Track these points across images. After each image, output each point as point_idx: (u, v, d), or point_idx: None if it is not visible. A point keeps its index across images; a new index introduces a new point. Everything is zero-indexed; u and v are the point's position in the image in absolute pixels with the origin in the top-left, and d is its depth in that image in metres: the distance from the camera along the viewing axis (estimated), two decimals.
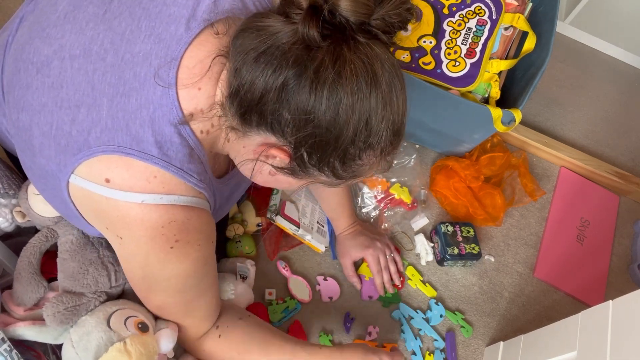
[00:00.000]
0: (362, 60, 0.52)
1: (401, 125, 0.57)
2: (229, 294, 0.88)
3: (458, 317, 1.06)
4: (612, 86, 1.53)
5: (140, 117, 0.56)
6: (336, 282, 1.03)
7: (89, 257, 0.73)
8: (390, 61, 0.54)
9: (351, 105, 0.52)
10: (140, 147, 0.56)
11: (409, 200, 1.14)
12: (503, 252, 1.17)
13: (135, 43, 0.58)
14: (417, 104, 1.09)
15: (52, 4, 0.63)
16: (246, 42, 0.55)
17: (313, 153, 0.56)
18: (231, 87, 0.56)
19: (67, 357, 0.67)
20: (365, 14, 0.51)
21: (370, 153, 0.57)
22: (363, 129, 0.53)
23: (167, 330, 0.70)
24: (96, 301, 0.71)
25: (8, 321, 0.69)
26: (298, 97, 0.52)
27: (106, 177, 0.57)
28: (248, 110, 0.55)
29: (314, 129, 0.53)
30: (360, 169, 0.59)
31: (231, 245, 0.99)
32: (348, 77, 0.51)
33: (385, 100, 0.53)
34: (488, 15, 1.11)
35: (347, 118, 0.52)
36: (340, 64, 0.51)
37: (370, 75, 0.52)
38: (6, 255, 0.78)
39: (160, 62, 0.57)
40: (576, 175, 1.31)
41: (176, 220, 0.59)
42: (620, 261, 1.22)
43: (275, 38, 0.52)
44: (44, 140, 0.59)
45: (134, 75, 0.57)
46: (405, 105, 0.57)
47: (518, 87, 1.11)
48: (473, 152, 1.21)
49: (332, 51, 0.51)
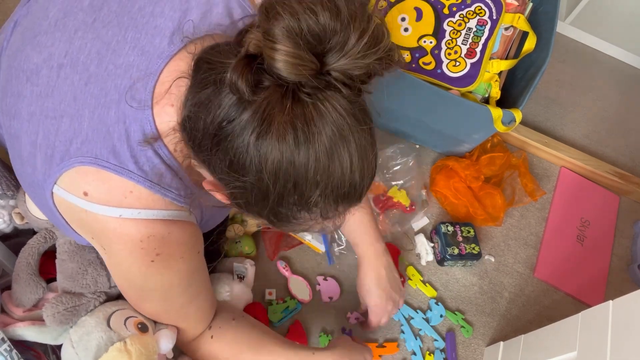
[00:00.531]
0: (293, 124, 0.45)
1: (350, 187, 0.50)
2: (224, 295, 0.88)
3: (458, 317, 1.05)
4: (612, 86, 1.53)
5: (117, 130, 0.55)
6: (336, 282, 1.03)
7: (87, 257, 0.73)
8: (338, 123, 0.47)
9: (275, 168, 0.47)
10: (117, 160, 0.55)
11: (407, 203, 1.13)
12: (503, 252, 1.17)
13: (120, 54, 0.57)
14: (417, 104, 1.09)
15: (44, 9, 0.62)
16: (197, 75, 0.51)
17: (246, 204, 0.52)
18: (182, 116, 0.53)
19: (67, 357, 0.67)
20: (307, 74, 0.45)
21: (306, 215, 0.52)
22: (291, 192, 0.49)
23: (166, 331, 0.70)
24: (95, 301, 0.71)
25: (8, 322, 0.69)
26: (226, 149, 0.48)
27: (84, 190, 0.56)
28: (194, 144, 0.52)
29: (240, 183, 0.49)
30: (300, 226, 0.55)
31: (231, 245, 0.99)
32: (273, 140, 0.46)
33: (319, 165, 0.47)
34: (488, 15, 1.11)
35: (271, 180, 0.48)
36: (267, 124, 0.45)
37: (299, 140, 0.46)
38: (5, 256, 0.78)
39: (139, 74, 0.56)
40: (576, 175, 1.30)
41: (155, 234, 0.58)
42: (620, 261, 1.22)
43: (220, 78, 0.48)
44: (31, 150, 0.59)
45: (114, 87, 0.56)
46: (362, 165, 0.50)
47: (518, 87, 1.11)
48: (473, 152, 1.21)
49: (263, 109, 0.45)
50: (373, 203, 1.13)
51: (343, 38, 0.45)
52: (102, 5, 0.60)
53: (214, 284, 0.88)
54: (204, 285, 0.71)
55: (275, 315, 0.96)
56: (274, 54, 0.44)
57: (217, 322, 0.76)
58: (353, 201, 0.53)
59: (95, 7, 0.60)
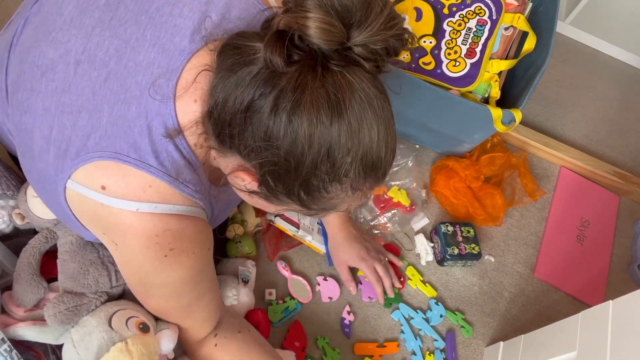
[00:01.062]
0: (326, 90, 0.49)
1: (377, 159, 0.53)
2: (231, 299, 0.88)
3: (458, 317, 1.06)
4: (612, 86, 1.53)
5: (138, 125, 0.56)
6: (336, 282, 1.03)
7: (89, 257, 0.73)
8: (365, 91, 0.51)
9: (309, 135, 0.49)
10: (137, 155, 0.56)
11: (407, 203, 1.14)
12: (503, 252, 1.17)
13: (139, 52, 0.58)
14: (417, 104, 1.09)
15: (58, 6, 0.63)
16: (225, 61, 0.54)
17: (277, 180, 0.54)
18: (208, 106, 0.55)
19: (68, 357, 0.67)
20: (337, 41, 0.48)
21: (337, 187, 0.54)
22: (324, 160, 0.51)
23: (167, 331, 0.70)
24: (97, 301, 0.71)
25: (8, 322, 0.70)
26: (259, 122, 0.50)
27: (102, 183, 0.57)
28: (222, 130, 0.54)
29: (273, 156, 0.51)
30: (329, 202, 0.56)
31: (231, 246, 0.99)
32: (307, 106, 0.48)
33: (351, 132, 0.50)
34: (488, 15, 1.11)
35: (306, 148, 0.50)
36: (300, 92, 0.48)
37: (333, 105, 0.49)
38: (5, 256, 0.78)
39: (161, 71, 0.57)
40: (576, 175, 1.31)
41: (170, 229, 0.59)
42: (620, 261, 1.22)
43: (250, 60, 0.51)
44: (44, 144, 0.59)
45: (135, 83, 0.57)
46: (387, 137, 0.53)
47: (518, 87, 1.11)
48: (473, 152, 1.21)
49: (296, 78, 0.49)
50: (373, 203, 1.13)
51: (366, 13, 0.48)
52: (118, 5, 0.61)
53: (221, 288, 0.88)
54: (211, 283, 0.72)
55: (275, 315, 0.96)
56: (307, 21, 0.47)
57: (223, 331, 0.76)
58: (379, 176, 0.55)
59: (111, 6, 0.61)
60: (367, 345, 0.99)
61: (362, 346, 0.98)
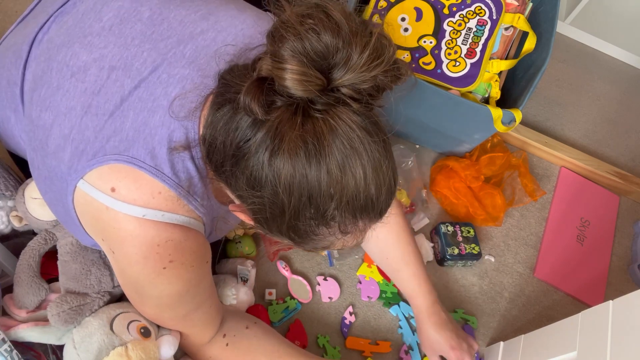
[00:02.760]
0: (304, 138, 0.48)
1: (366, 200, 0.51)
2: (230, 298, 0.88)
3: (459, 313, 1.06)
4: (612, 86, 1.53)
5: (160, 134, 0.57)
6: (336, 282, 1.03)
7: (90, 257, 0.73)
8: (348, 136, 0.48)
9: (289, 183, 0.49)
10: (153, 162, 0.57)
11: (407, 203, 1.14)
12: (503, 252, 1.17)
13: (175, 66, 0.59)
14: (417, 104, 1.09)
15: (97, 12, 0.64)
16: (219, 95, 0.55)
17: (266, 223, 0.54)
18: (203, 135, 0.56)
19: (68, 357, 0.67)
20: (314, 89, 0.47)
21: (325, 230, 0.53)
22: (307, 206, 0.50)
23: (168, 337, 0.70)
24: (100, 301, 0.71)
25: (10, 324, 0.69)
26: (245, 166, 0.51)
27: (113, 185, 0.57)
28: (216, 169, 0.55)
29: (258, 203, 0.52)
30: (321, 242, 0.55)
31: (231, 246, 0.99)
32: (285, 155, 0.48)
33: (332, 178, 0.49)
34: (488, 15, 1.11)
35: (286, 195, 0.49)
36: (279, 140, 0.48)
37: (311, 153, 0.48)
38: (5, 257, 0.78)
39: (193, 87, 0.58)
40: (576, 175, 1.31)
41: (173, 239, 0.59)
42: (620, 261, 1.22)
43: (235, 101, 0.51)
44: (61, 142, 0.59)
45: (164, 94, 0.58)
46: (377, 178, 0.51)
47: (518, 87, 1.11)
48: (473, 152, 1.21)
49: (276, 126, 0.48)
50: None
51: (346, 54, 0.47)
52: (162, 21, 0.62)
53: (220, 288, 0.88)
54: (210, 293, 0.71)
55: (275, 315, 0.96)
56: (282, 73, 0.47)
57: (231, 329, 0.76)
58: (373, 216, 0.54)
59: (155, 22, 0.62)
60: (358, 341, 0.98)
61: (354, 340, 0.98)
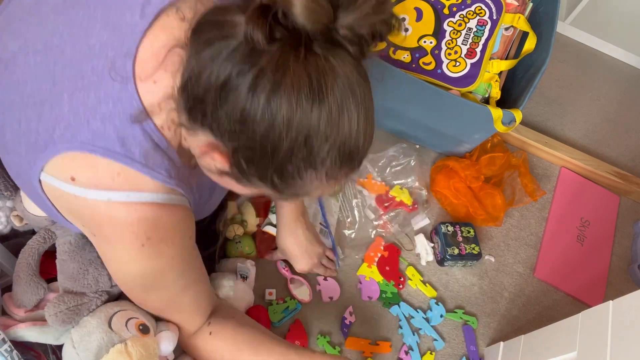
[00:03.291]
0: (308, 73, 0.46)
1: (354, 148, 0.51)
2: (227, 289, 0.87)
3: (459, 313, 1.06)
4: (612, 86, 1.53)
5: (100, 112, 0.54)
6: (336, 282, 1.03)
7: (88, 257, 0.73)
8: (348, 78, 0.48)
9: (288, 119, 0.47)
10: (102, 143, 0.54)
11: (409, 202, 1.14)
12: (503, 252, 1.17)
13: (91, 35, 0.56)
14: (417, 104, 1.09)
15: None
16: (202, 36, 0.50)
17: (250, 163, 0.51)
18: (182, 80, 0.52)
19: (68, 357, 0.67)
20: (322, 22, 0.46)
21: (313, 174, 0.51)
22: (302, 147, 0.48)
23: (167, 333, 0.70)
24: (97, 300, 0.71)
25: (9, 323, 0.69)
26: (235, 100, 0.47)
27: (71, 175, 0.55)
28: (193, 106, 0.51)
29: (248, 138, 0.49)
30: (303, 188, 0.54)
31: (231, 246, 0.99)
32: (287, 89, 0.46)
33: (331, 119, 0.48)
34: (488, 15, 1.11)
35: (283, 132, 0.47)
36: (282, 73, 0.46)
37: (315, 90, 0.46)
38: (4, 257, 0.78)
39: (116, 53, 0.55)
40: (576, 175, 1.31)
41: (146, 218, 0.57)
42: (620, 261, 1.22)
43: (228, 33, 0.48)
44: (15, 138, 0.58)
45: (91, 68, 0.55)
46: (366, 126, 0.51)
47: (518, 87, 1.11)
48: (473, 152, 1.21)
49: (277, 58, 0.46)
50: (376, 203, 1.13)
51: None
52: None
53: (218, 280, 0.88)
54: (197, 273, 0.70)
55: (275, 315, 0.96)
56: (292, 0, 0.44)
57: (216, 318, 0.75)
58: (354, 165, 0.54)
59: None
60: (359, 341, 0.98)
61: (354, 340, 0.98)
